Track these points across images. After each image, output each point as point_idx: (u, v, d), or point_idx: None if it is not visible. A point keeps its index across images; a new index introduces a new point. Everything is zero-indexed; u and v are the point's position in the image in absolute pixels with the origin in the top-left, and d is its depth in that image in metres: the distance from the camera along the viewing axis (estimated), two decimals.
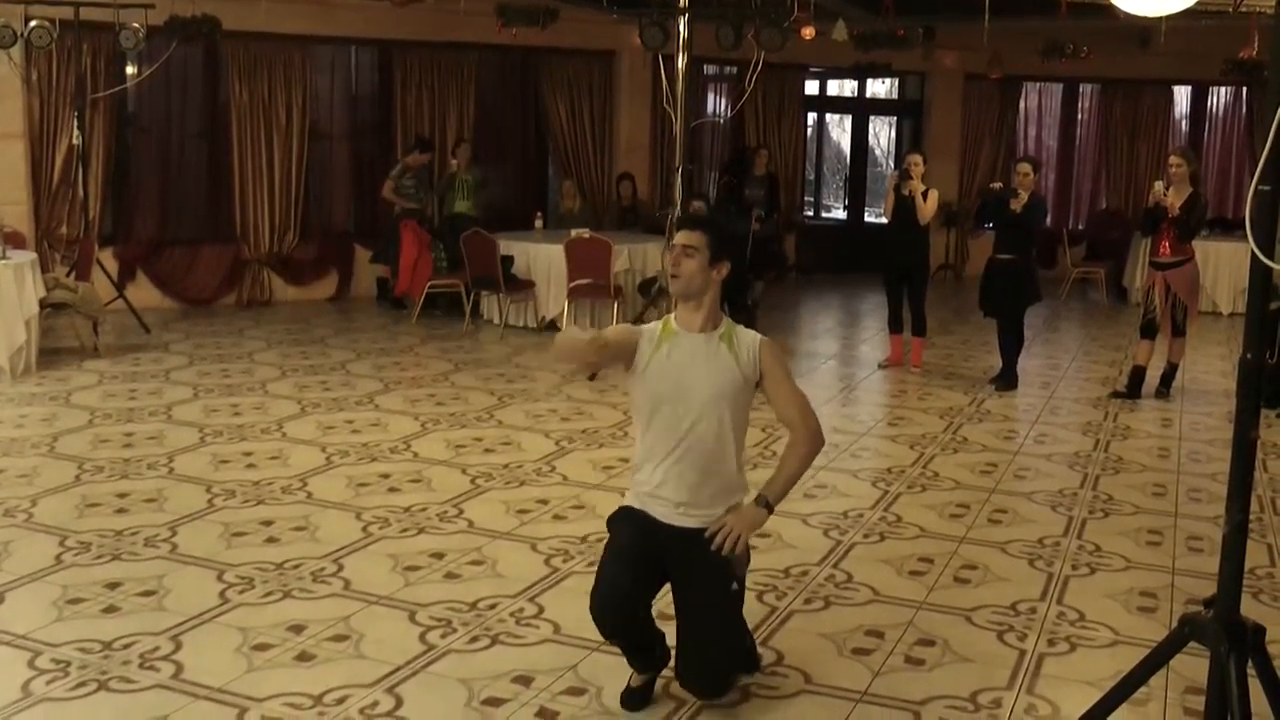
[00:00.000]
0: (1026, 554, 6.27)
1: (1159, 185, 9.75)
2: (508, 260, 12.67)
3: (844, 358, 12.21)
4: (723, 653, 4.44)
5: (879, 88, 20.84)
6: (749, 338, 4.54)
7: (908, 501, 7.16)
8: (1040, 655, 5.03)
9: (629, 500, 4.59)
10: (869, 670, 4.85)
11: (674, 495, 4.42)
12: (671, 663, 4.53)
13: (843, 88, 20.67)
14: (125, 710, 4.41)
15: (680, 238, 4.49)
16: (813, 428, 4.52)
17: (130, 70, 13.49)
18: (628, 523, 4.53)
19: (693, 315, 4.50)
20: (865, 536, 6.51)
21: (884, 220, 11.48)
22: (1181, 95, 19.06)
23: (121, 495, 6.94)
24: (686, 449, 4.40)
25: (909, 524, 6.73)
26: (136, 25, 11.98)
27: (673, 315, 4.57)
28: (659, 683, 4.62)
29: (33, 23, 11.89)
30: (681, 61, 10.62)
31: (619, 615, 4.33)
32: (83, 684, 4.60)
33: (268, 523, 6.49)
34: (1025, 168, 10.23)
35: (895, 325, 11.22)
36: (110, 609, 5.33)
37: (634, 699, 4.53)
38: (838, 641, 5.11)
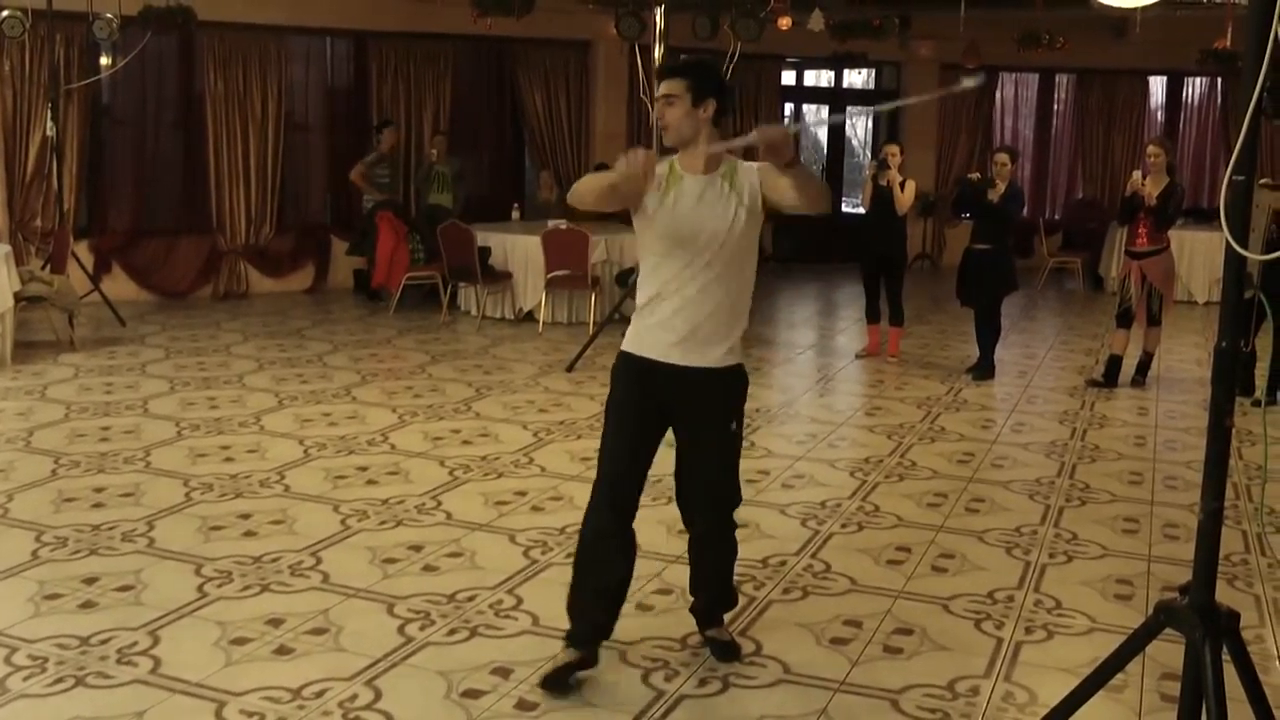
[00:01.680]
0: (1004, 542, 6.29)
1: (1136, 174, 9.79)
2: (485, 251, 12.66)
3: (821, 348, 12.23)
4: (722, 494, 4.74)
5: (856, 78, 20.84)
6: (745, 169, 4.56)
7: (885, 491, 7.18)
8: (1018, 643, 5.05)
9: (629, 344, 4.62)
10: (847, 659, 4.86)
11: (683, 328, 4.48)
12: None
13: (819, 78, 20.68)
14: (103, 706, 4.39)
15: (661, 88, 4.55)
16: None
17: (104, 61, 13.40)
18: (624, 394, 4.64)
19: (692, 159, 4.53)
20: (843, 526, 6.52)
21: (861, 210, 11.50)
22: (1157, 85, 19.16)
23: (98, 490, 6.91)
24: (701, 288, 4.46)
25: (887, 513, 6.75)
26: (110, 15, 11.94)
27: (676, 158, 4.60)
28: (637, 672, 4.64)
29: (4, 13, 11.83)
30: (658, 51, 10.59)
31: (619, 493, 4.64)
32: (60, 680, 4.58)
33: (245, 516, 6.47)
34: (1003, 158, 10.25)
35: (872, 315, 11.25)
36: (88, 604, 5.31)
37: (555, 681, 4.52)
38: (816, 631, 5.13)
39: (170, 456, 7.59)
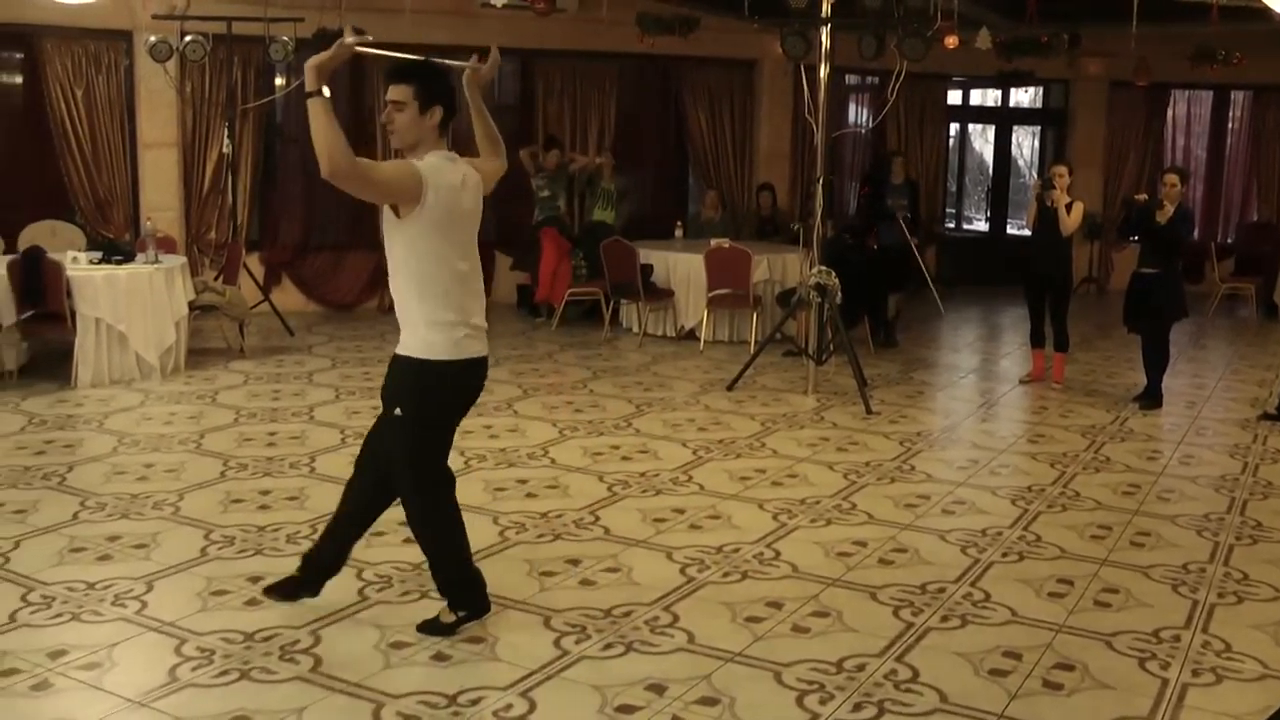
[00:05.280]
0: (1170, 579, 6.11)
1: None
2: (647, 269, 12.72)
3: (984, 372, 12.03)
4: (397, 473, 5.03)
5: (1022, 96, 20.52)
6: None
7: (1047, 521, 7.03)
8: (1184, 685, 4.88)
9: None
10: (1005, 692, 4.76)
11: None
12: None
13: (985, 97, 20.40)
14: (265, 699, 4.53)
15: (389, 93, 4.77)
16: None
17: (279, 81, 13.84)
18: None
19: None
20: (1004, 555, 6.40)
21: (1026, 231, 11.30)
22: None
23: (264, 493, 7.10)
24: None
25: (1048, 544, 6.61)
26: (286, 38, 12.30)
27: None
28: (791, 695, 4.61)
29: (188, 38, 12.29)
30: (823, 71, 10.54)
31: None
32: (225, 672, 4.74)
33: (405, 523, 6.56)
34: (1172, 178, 9.96)
35: (1037, 339, 11.03)
36: (252, 602, 5.47)
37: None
38: (974, 661, 5.03)
39: (334, 463, 7.76)
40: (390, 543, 6.28)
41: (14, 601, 5.44)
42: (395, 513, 6.71)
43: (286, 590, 5.30)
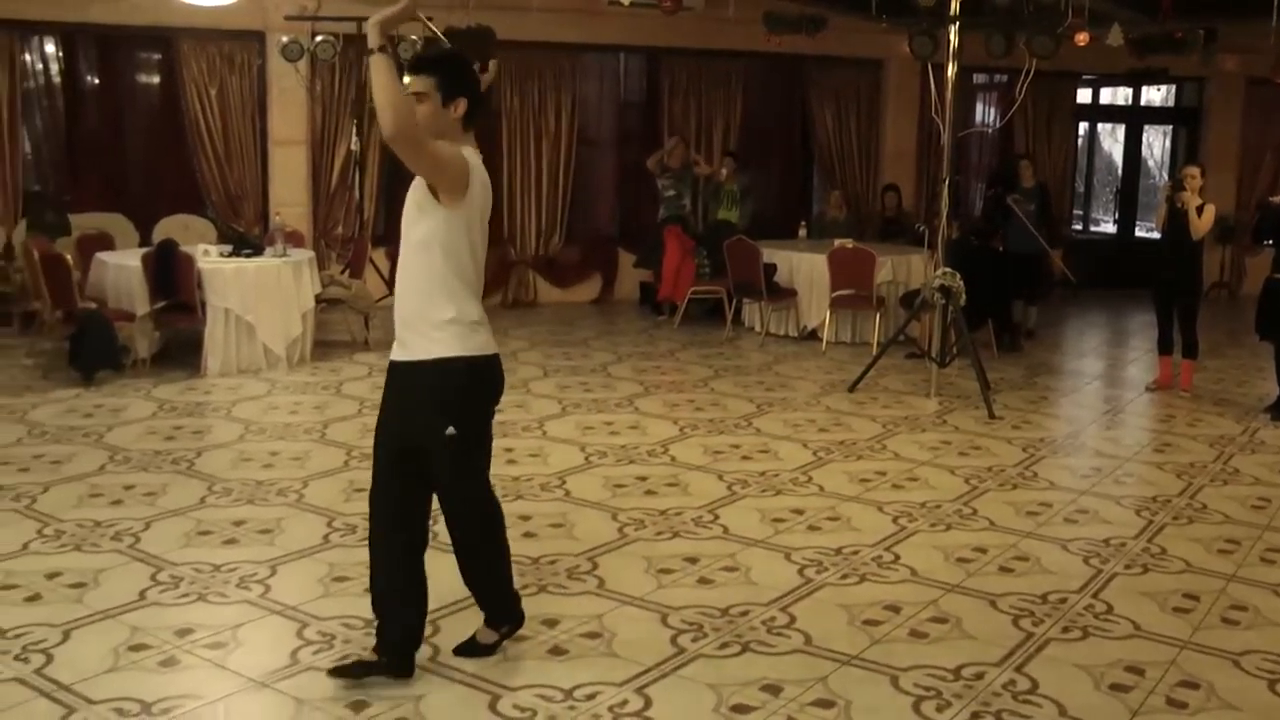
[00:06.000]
0: None
1: None
2: (770, 268, 12.69)
3: (1110, 378, 11.81)
4: (449, 495, 4.81)
5: (1154, 95, 20.09)
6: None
7: (1173, 533, 6.87)
8: None
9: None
10: (1127, 709, 4.65)
11: (396, 322, 4.65)
12: None
13: (1116, 95, 20.01)
14: (384, 686, 4.58)
15: (410, 85, 4.52)
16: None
17: (407, 80, 13.97)
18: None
19: None
20: (1127, 567, 6.27)
21: (1156, 235, 11.06)
22: None
23: None
24: (399, 277, 4.64)
25: (1174, 557, 6.45)
26: (414, 37, 12.45)
27: None
28: (907, 700, 4.57)
29: (318, 38, 12.53)
30: (951, 70, 10.43)
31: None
32: (345, 657, 4.81)
33: (525, 518, 6.64)
34: None
35: (1165, 346, 10.78)
36: None
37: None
38: (1095, 674, 4.93)
39: None
40: (509, 537, 6.31)
41: (144, 580, 5.62)
42: (516, 506, 6.81)
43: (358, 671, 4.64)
